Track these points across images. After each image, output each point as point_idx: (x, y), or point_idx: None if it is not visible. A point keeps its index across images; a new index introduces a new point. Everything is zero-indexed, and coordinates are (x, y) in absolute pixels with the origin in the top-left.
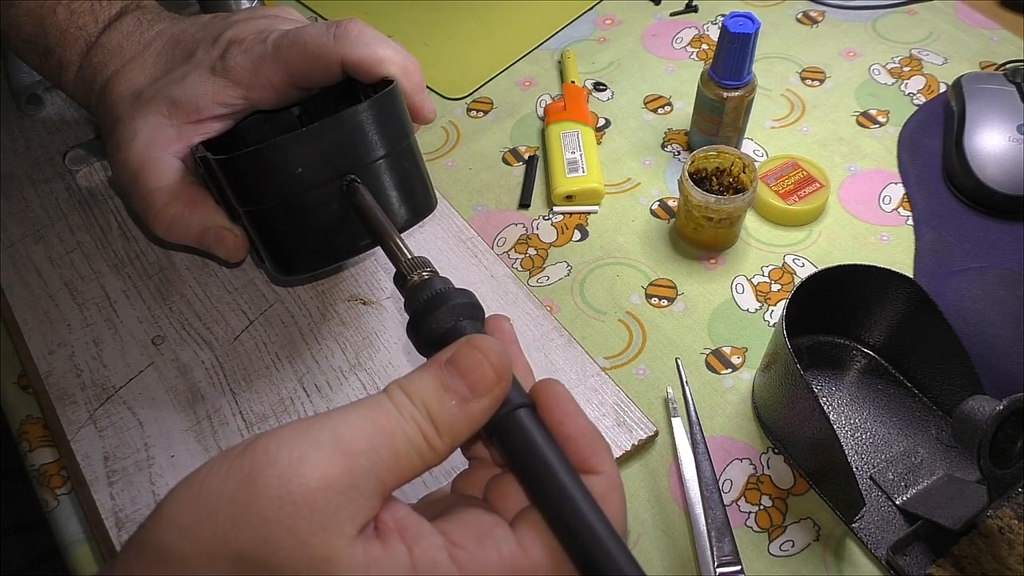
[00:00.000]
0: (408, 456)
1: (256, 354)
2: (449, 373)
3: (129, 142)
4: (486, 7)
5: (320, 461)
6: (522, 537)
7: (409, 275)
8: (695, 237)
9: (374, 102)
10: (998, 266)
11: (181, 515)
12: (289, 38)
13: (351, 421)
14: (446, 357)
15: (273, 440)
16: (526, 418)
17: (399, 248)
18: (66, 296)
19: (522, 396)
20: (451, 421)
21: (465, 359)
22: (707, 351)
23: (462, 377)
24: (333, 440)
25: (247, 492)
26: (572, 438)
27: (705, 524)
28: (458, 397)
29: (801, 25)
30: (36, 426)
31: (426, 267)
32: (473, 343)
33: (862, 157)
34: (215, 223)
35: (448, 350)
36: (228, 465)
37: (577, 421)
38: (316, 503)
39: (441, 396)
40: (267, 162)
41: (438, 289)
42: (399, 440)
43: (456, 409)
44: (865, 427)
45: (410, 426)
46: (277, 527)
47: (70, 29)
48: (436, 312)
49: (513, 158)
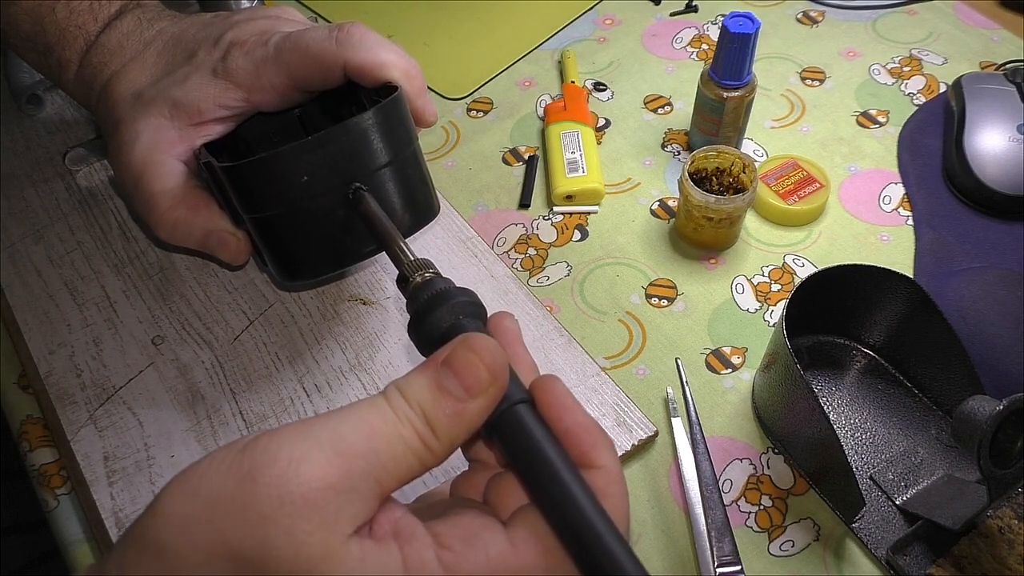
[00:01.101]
0: (406, 458)
1: (256, 354)
2: (444, 374)
3: (131, 144)
4: (486, 7)
5: (320, 462)
6: (515, 536)
7: (411, 276)
8: (695, 237)
9: (379, 110)
10: (998, 266)
11: (178, 512)
12: (291, 41)
13: (350, 423)
14: (441, 357)
15: (273, 440)
16: (524, 413)
17: (402, 251)
18: (66, 296)
19: (521, 392)
20: (447, 423)
21: (460, 359)
22: (707, 351)
23: (457, 378)
24: (333, 441)
25: (246, 490)
26: (571, 432)
27: (705, 524)
28: (453, 398)
29: (801, 25)
30: (36, 426)
31: (428, 268)
32: (468, 343)
33: (862, 157)
34: (218, 227)
35: (444, 350)
36: (227, 463)
37: (576, 415)
38: (315, 503)
39: (437, 398)
40: (272, 170)
41: (439, 288)
42: (396, 443)
43: (452, 410)
44: (865, 427)
45: (407, 428)
46: (275, 526)
47: (69, 28)
48: (437, 311)
49: (513, 158)
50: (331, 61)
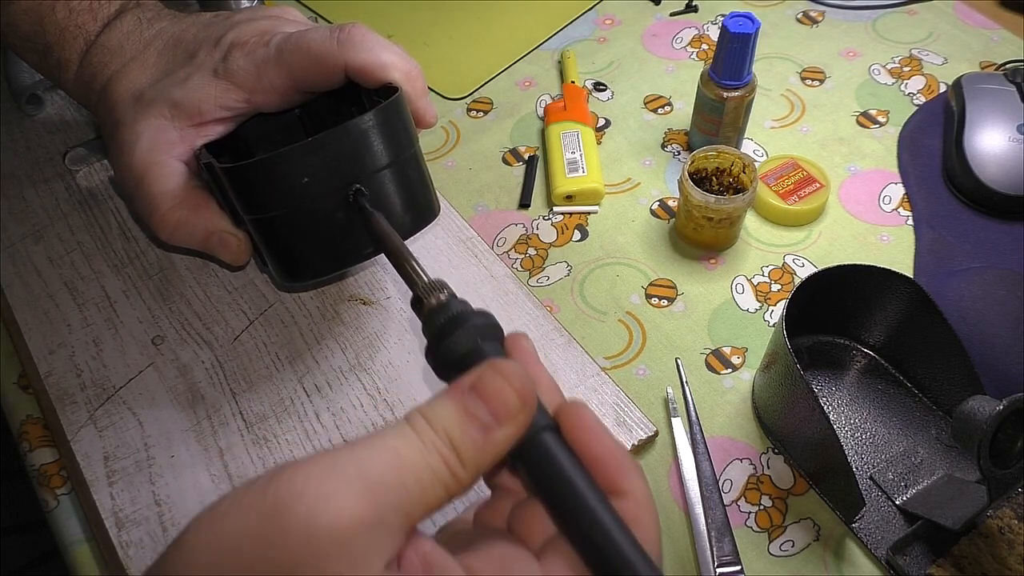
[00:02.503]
0: (433, 487)
1: (256, 354)
2: (471, 400)
3: (132, 145)
4: (486, 7)
5: (348, 497)
6: (548, 567)
7: (426, 299)
8: (695, 237)
9: (380, 111)
10: (998, 266)
11: (203, 549)
12: (292, 42)
13: (376, 454)
14: (468, 383)
15: (299, 474)
16: (551, 441)
17: (416, 272)
18: (66, 296)
19: (546, 418)
20: (474, 449)
21: (488, 385)
22: (707, 351)
23: (485, 404)
24: (360, 475)
25: (272, 527)
26: (599, 459)
27: (705, 524)
28: (481, 425)
29: (801, 25)
30: (36, 426)
31: (443, 290)
32: (496, 367)
33: (862, 157)
34: (219, 227)
35: (470, 376)
36: (251, 499)
37: (604, 441)
38: (344, 540)
39: (464, 424)
40: (273, 172)
41: (456, 311)
42: (424, 472)
43: (479, 437)
44: (865, 427)
45: (433, 456)
46: (304, 564)
47: (69, 28)
48: (454, 334)
49: (513, 158)
50: (332, 62)
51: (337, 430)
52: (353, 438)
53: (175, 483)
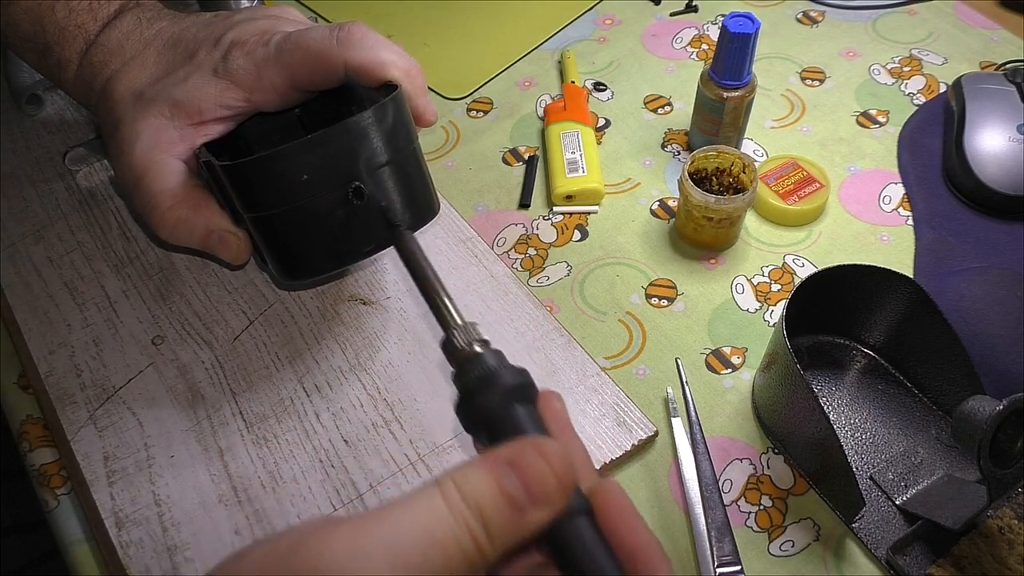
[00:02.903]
0: (458, 564)
1: (256, 354)
2: (508, 475)
3: (132, 145)
4: (486, 7)
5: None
6: None
7: (460, 345)
8: (695, 237)
9: (379, 108)
10: (998, 266)
11: None
12: (292, 41)
13: (404, 528)
14: (506, 456)
15: (325, 544)
16: (585, 529)
17: (449, 310)
18: (66, 296)
19: (579, 499)
20: (504, 527)
21: (527, 463)
22: (707, 351)
23: (522, 482)
24: (386, 552)
25: None
26: (634, 553)
27: (705, 524)
28: (515, 503)
29: (801, 25)
30: (36, 426)
31: (477, 336)
32: (538, 447)
33: (862, 157)
34: (219, 226)
35: (508, 449)
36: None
37: (641, 534)
38: None
39: (496, 499)
40: (273, 169)
41: (490, 367)
42: (452, 549)
43: (511, 516)
44: (865, 427)
45: (462, 530)
46: None
47: (69, 27)
48: (487, 393)
49: (513, 158)
50: (332, 61)
51: (337, 430)
52: (353, 438)
53: (175, 483)
